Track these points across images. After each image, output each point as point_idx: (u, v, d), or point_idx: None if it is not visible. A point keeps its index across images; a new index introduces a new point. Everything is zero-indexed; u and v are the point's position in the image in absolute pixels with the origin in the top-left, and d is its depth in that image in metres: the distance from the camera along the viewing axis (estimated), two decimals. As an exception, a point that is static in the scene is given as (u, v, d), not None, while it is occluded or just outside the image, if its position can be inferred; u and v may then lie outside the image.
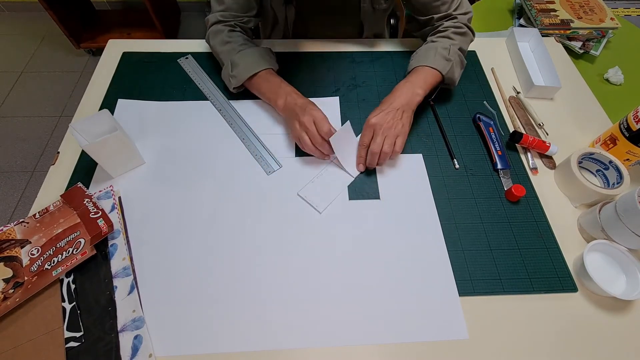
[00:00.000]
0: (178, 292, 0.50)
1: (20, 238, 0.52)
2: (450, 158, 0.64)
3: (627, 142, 0.59)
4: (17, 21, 2.11)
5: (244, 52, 0.66)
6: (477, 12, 1.17)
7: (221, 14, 0.69)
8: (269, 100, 0.67)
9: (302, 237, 0.55)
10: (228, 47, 0.68)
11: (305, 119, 0.59)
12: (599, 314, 0.50)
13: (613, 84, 0.98)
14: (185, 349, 0.46)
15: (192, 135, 0.66)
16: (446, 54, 0.65)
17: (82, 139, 0.55)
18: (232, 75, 0.66)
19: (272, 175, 0.61)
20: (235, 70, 0.66)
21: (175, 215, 0.56)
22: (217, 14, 0.69)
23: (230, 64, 0.67)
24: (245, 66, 0.65)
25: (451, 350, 0.47)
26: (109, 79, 0.73)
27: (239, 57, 0.66)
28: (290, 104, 0.62)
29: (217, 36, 0.69)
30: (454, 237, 0.55)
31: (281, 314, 0.49)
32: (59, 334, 0.45)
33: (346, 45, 0.81)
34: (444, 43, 0.67)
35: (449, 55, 0.65)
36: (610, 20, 0.99)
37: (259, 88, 0.67)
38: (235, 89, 0.68)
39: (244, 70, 0.65)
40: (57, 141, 1.62)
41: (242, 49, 0.67)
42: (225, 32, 0.69)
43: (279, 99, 0.64)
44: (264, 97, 0.67)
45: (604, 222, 0.53)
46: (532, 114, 0.70)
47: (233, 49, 0.67)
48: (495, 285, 0.51)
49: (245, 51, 0.67)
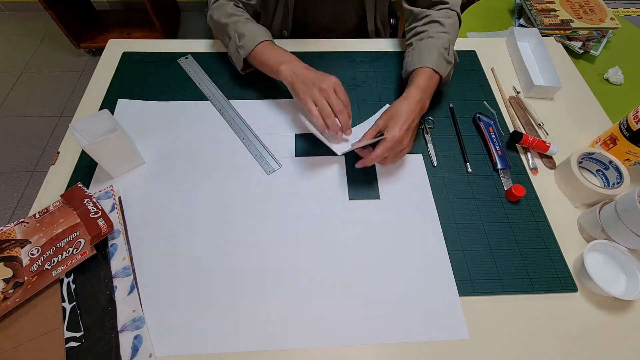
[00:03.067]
0: (178, 292, 0.50)
1: (20, 238, 0.52)
2: (464, 162, 0.64)
3: (627, 142, 0.59)
4: (17, 21, 2.11)
5: (250, 23, 0.67)
6: (477, 12, 1.17)
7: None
8: (270, 67, 0.64)
9: (301, 237, 0.55)
10: (234, 19, 0.67)
11: (324, 84, 0.57)
12: (599, 314, 0.50)
13: (613, 84, 0.98)
14: (185, 349, 0.46)
15: (192, 135, 0.66)
16: (446, 55, 0.64)
17: (82, 139, 0.55)
18: (240, 46, 0.65)
19: (272, 175, 0.61)
20: (242, 40, 0.65)
21: (175, 215, 0.56)
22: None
23: (236, 35, 0.66)
24: (251, 36, 0.65)
25: (451, 350, 0.47)
26: (109, 79, 0.73)
27: (246, 28, 0.66)
28: (300, 71, 0.60)
29: (222, 9, 0.69)
30: (454, 237, 0.55)
31: (281, 314, 0.49)
32: (59, 334, 0.45)
33: (346, 45, 0.81)
34: (443, 41, 0.65)
35: (448, 56, 0.64)
36: (610, 20, 0.99)
37: (262, 57, 0.65)
38: (242, 69, 0.68)
39: (250, 40, 0.64)
40: (57, 141, 1.62)
41: (247, 22, 0.67)
42: (231, 5, 0.69)
43: (283, 64, 0.61)
44: (266, 66, 0.65)
45: (604, 222, 0.53)
46: (532, 114, 0.70)
47: (239, 20, 0.67)
48: (495, 285, 0.51)
49: (250, 24, 0.67)
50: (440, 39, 0.65)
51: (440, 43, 0.64)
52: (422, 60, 0.63)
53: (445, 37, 0.65)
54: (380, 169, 0.62)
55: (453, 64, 0.66)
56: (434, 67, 0.62)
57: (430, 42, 0.65)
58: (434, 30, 0.66)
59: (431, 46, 0.64)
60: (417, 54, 0.65)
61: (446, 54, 0.64)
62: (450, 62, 0.65)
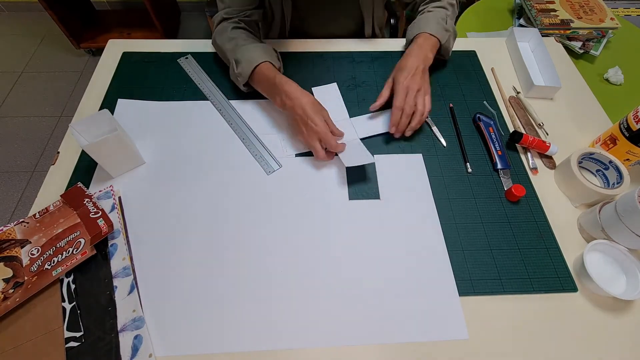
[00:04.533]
0: (178, 292, 0.50)
1: (20, 238, 0.52)
2: (464, 162, 0.64)
3: (627, 142, 0.59)
4: (17, 21, 2.11)
5: (245, 47, 0.66)
6: (477, 12, 1.17)
7: (225, 11, 0.70)
8: (270, 98, 0.66)
9: (301, 237, 0.55)
10: (232, 44, 0.68)
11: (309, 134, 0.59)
12: (599, 314, 0.50)
13: (613, 84, 0.98)
14: (185, 349, 0.46)
15: (192, 135, 0.66)
16: (444, 24, 0.70)
17: (82, 139, 0.55)
18: (238, 74, 0.66)
19: (272, 175, 0.61)
20: (239, 67, 0.65)
21: (175, 215, 0.56)
22: (222, 13, 0.70)
23: (234, 62, 0.66)
24: (246, 62, 0.65)
25: (451, 350, 0.47)
26: (109, 79, 0.73)
27: (241, 54, 0.65)
28: (289, 108, 0.61)
29: (223, 34, 0.69)
30: (454, 237, 0.55)
31: (281, 314, 0.49)
32: (59, 334, 0.45)
33: (346, 45, 0.81)
34: (440, 13, 0.71)
35: (447, 25, 0.69)
36: (610, 20, 0.99)
37: (259, 86, 0.66)
38: (245, 87, 0.68)
39: (246, 67, 0.64)
40: (57, 141, 1.62)
41: (245, 44, 0.67)
42: (229, 29, 0.69)
43: (276, 98, 0.63)
44: (266, 95, 0.67)
45: (604, 222, 0.53)
46: (532, 114, 0.70)
47: (236, 45, 0.67)
48: (495, 285, 0.51)
49: (247, 46, 0.66)
50: (438, 12, 0.72)
51: (438, 15, 0.71)
52: (421, 27, 0.69)
53: (442, 12, 0.72)
54: (380, 168, 0.62)
55: (452, 34, 0.72)
56: (432, 32, 0.68)
57: (429, 15, 0.72)
58: (433, 6, 0.74)
59: (429, 17, 0.71)
60: (416, 24, 0.72)
61: (443, 23, 0.70)
62: (449, 31, 0.70)
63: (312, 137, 0.59)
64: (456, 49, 0.81)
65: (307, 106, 0.59)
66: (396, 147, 0.65)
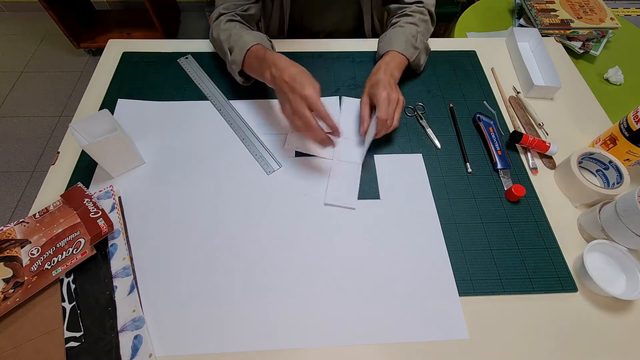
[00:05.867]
0: (178, 291, 0.50)
1: (20, 238, 0.52)
2: (464, 162, 0.64)
3: (627, 142, 0.59)
4: (17, 21, 2.11)
5: (238, 34, 0.66)
6: (477, 12, 1.17)
7: (223, 7, 0.71)
8: (261, 78, 0.61)
9: (301, 238, 0.55)
10: (226, 35, 0.68)
11: (296, 101, 0.53)
12: (599, 314, 0.50)
13: (613, 84, 0.98)
14: (185, 349, 0.46)
15: (192, 135, 0.66)
16: (414, 42, 0.69)
17: (82, 139, 0.55)
18: (232, 61, 0.65)
19: (272, 175, 0.61)
20: (233, 55, 0.65)
21: (175, 215, 0.56)
22: (219, 8, 0.71)
23: (228, 51, 0.66)
24: (239, 48, 0.64)
25: (451, 350, 0.47)
26: (109, 79, 0.73)
27: (234, 41, 0.65)
28: (277, 79, 0.56)
29: (218, 26, 0.70)
30: (454, 237, 0.55)
31: (281, 314, 0.49)
32: (59, 334, 0.45)
33: (346, 45, 0.81)
34: (411, 30, 0.71)
35: (416, 43, 0.69)
36: (610, 20, 0.99)
37: (251, 68, 0.64)
38: (242, 78, 0.67)
39: (238, 53, 0.63)
40: (57, 141, 1.62)
41: (239, 32, 0.66)
42: (224, 21, 0.69)
43: (266, 72, 0.58)
44: (258, 76, 0.63)
45: (604, 222, 0.53)
46: (532, 114, 0.70)
47: (230, 35, 0.67)
48: (495, 285, 0.51)
49: (240, 33, 0.66)
50: (408, 29, 0.71)
51: (408, 31, 0.70)
52: (391, 44, 0.69)
53: (413, 28, 0.72)
54: (380, 168, 0.62)
55: (423, 51, 0.72)
56: (399, 50, 0.67)
57: (399, 31, 0.71)
58: (404, 21, 0.73)
59: (399, 34, 0.70)
60: (386, 39, 0.71)
61: (413, 40, 0.69)
62: (418, 49, 0.70)
63: (300, 104, 0.53)
64: (456, 49, 0.81)
65: (297, 74, 0.54)
66: (396, 147, 0.65)
